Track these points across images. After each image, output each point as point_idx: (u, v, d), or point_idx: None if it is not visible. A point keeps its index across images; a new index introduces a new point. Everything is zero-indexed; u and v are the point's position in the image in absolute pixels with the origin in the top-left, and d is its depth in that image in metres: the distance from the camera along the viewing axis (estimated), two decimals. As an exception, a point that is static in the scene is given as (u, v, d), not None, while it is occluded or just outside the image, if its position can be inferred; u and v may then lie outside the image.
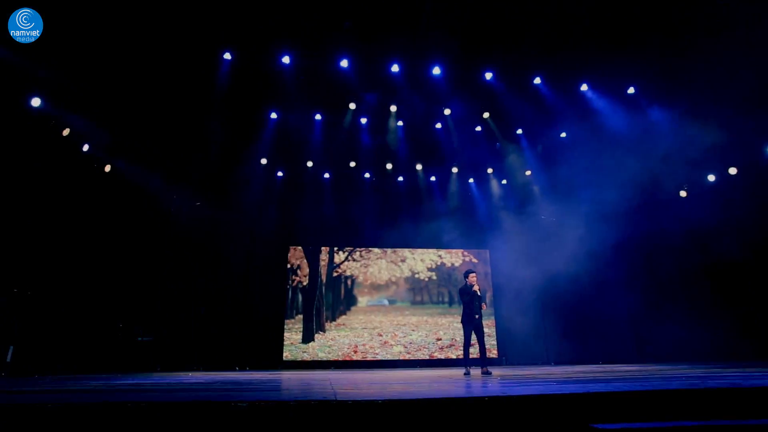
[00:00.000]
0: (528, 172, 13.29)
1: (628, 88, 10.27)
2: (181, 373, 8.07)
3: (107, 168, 9.64)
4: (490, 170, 13.65)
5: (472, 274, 7.57)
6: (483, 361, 7.13)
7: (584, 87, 10.26)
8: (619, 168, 11.46)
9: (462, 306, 7.64)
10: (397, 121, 11.76)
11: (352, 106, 11.19)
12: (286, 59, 9.44)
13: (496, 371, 7.81)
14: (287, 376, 6.61)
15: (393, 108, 11.44)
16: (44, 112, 7.80)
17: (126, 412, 2.52)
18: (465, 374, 6.84)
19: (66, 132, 8.24)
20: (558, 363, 11.66)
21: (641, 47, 9.51)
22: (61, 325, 8.24)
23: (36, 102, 7.60)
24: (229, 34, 9.23)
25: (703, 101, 9.93)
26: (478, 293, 7.37)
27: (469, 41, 9.49)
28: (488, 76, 10.05)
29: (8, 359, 7.22)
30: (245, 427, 2.60)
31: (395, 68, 9.78)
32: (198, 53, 9.14)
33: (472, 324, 7.36)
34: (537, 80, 10.18)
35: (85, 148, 8.98)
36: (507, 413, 2.76)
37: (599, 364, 11.01)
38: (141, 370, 8.99)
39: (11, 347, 7.29)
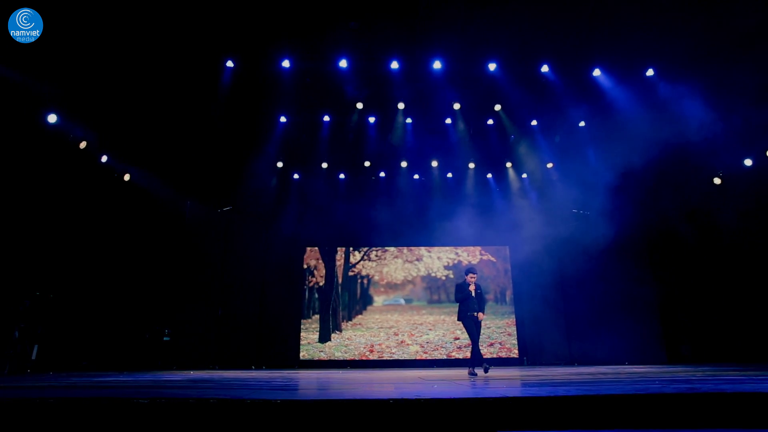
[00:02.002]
0: (550, 165, 12.78)
1: (646, 69, 9.60)
2: (181, 372, 8.39)
3: (126, 177, 10.20)
4: (509, 164, 13.23)
5: (471, 275, 6.98)
6: (472, 362, 6.77)
7: (597, 72, 9.67)
8: (645, 153, 10.80)
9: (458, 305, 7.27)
10: (405, 118, 11.65)
11: (359, 105, 11.22)
12: (286, 63, 9.59)
13: (511, 372, 7.50)
14: (276, 375, 6.71)
15: (401, 105, 11.33)
16: (61, 127, 8.37)
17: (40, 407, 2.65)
18: (485, 371, 6.55)
19: (83, 145, 8.79)
20: (582, 363, 11.10)
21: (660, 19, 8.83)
22: (80, 325, 8.83)
23: (53, 118, 8.16)
24: (231, 42, 9.51)
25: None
26: (473, 294, 6.90)
27: (469, 31, 9.24)
28: (492, 66, 9.71)
29: (33, 357, 7.83)
30: (149, 424, 2.66)
31: (395, 65, 9.70)
32: (202, 63, 9.47)
33: (470, 320, 6.87)
34: (545, 68, 9.71)
35: (104, 159, 9.55)
36: (412, 417, 2.65)
37: (625, 365, 10.37)
38: (157, 369, 9.46)
39: (36, 346, 7.90)
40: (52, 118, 8.16)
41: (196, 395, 3.05)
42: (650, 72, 9.59)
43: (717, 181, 10.76)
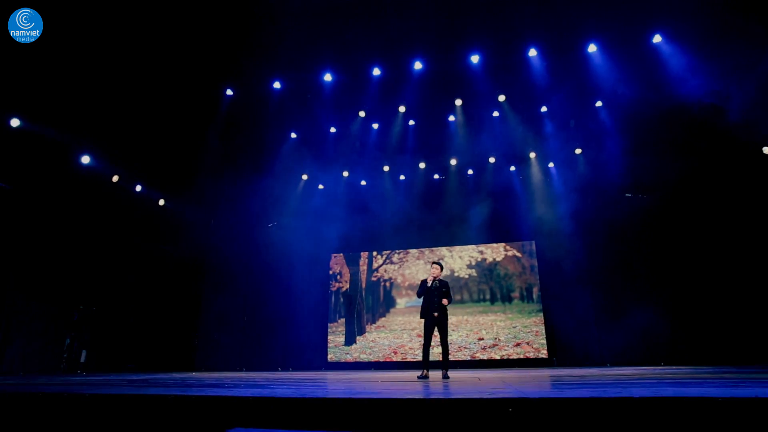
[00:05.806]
0: (578, 150, 11.94)
1: (652, 36, 8.60)
2: (196, 373, 9.31)
3: (161, 202, 11.60)
4: (532, 155, 12.55)
5: (434, 266, 6.80)
6: (444, 365, 6.53)
7: (593, 47, 8.90)
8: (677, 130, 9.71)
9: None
10: (408, 120, 11.70)
11: (362, 114, 11.55)
12: (277, 84, 10.24)
13: (526, 373, 7.19)
14: (268, 378, 7.24)
15: (402, 108, 11.40)
16: (93, 166, 9.86)
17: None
18: (419, 377, 6.50)
19: (115, 179, 10.25)
20: (615, 364, 10.13)
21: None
22: (125, 333, 10.27)
23: (86, 159, 9.66)
24: (234, 70, 10.41)
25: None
26: (428, 285, 6.68)
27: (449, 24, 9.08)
28: (475, 59, 9.41)
29: (82, 360, 9.33)
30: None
31: (377, 71, 9.85)
32: (203, 90, 10.45)
33: (429, 319, 6.65)
34: (533, 52, 9.17)
35: (138, 188, 11.01)
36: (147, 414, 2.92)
37: (661, 365, 9.28)
38: (186, 370, 10.63)
39: (84, 351, 9.40)
40: (85, 159, 9.64)
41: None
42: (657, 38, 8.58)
43: (766, 150, 9.21)
